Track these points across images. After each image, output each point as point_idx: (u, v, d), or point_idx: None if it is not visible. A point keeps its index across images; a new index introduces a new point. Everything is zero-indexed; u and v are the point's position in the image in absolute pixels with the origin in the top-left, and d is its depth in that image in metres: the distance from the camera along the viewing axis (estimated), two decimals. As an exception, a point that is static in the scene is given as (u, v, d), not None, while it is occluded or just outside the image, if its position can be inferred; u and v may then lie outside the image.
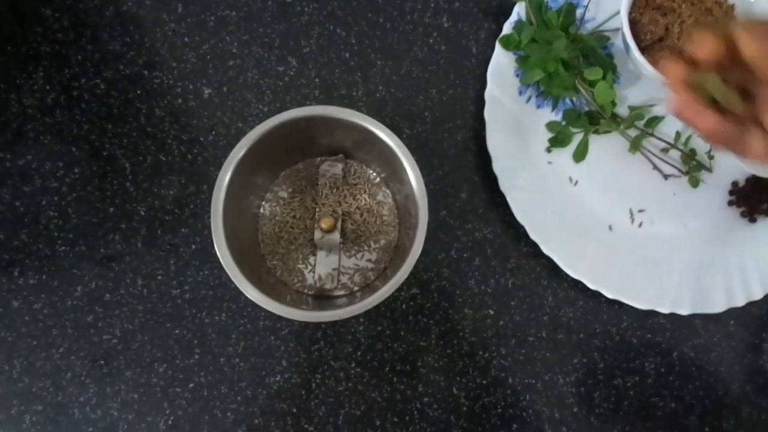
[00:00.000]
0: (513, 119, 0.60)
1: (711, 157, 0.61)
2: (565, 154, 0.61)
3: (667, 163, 0.61)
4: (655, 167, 0.61)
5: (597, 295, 0.59)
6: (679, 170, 0.61)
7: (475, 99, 0.62)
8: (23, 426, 0.56)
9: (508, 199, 0.58)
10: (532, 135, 0.61)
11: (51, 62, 0.61)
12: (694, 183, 0.61)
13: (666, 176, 0.61)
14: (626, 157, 0.61)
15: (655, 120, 0.61)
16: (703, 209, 0.62)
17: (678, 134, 0.61)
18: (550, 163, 0.61)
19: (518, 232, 0.59)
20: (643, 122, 0.61)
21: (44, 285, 0.58)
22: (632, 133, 0.60)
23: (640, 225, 0.61)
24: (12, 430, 0.56)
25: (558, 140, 0.60)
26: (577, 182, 0.61)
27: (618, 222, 0.61)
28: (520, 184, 0.59)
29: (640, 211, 0.61)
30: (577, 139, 0.61)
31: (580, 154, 0.61)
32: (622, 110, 0.61)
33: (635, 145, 0.60)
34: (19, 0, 0.61)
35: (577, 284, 0.59)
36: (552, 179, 0.61)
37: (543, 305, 0.60)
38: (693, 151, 0.61)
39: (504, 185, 0.58)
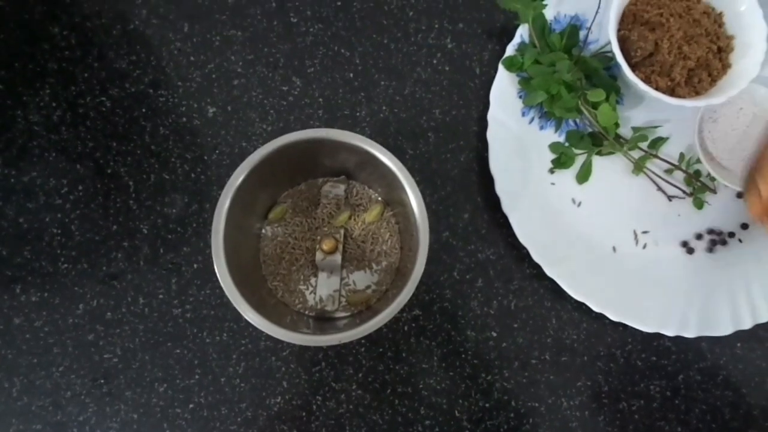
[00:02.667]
0: (516, 141, 0.60)
1: (713, 179, 0.61)
2: (568, 175, 0.61)
3: (671, 184, 0.61)
4: (659, 188, 0.61)
5: (601, 317, 0.58)
6: (684, 192, 0.61)
7: (478, 120, 0.62)
8: (22, 445, 0.56)
9: (511, 220, 0.58)
10: (535, 156, 0.61)
11: (57, 79, 0.61)
12: (699, 205, 0.60)
13: (670, 198, 0.61)
14: (630, 178, 0.61)
15: (659, 141, 0.60)
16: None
17: (682, 155, 0.61)
18: (553, 184, 0.60)
19: (521, 254, 0.59)
20: (646, 143, 0.60)
21: (46, 302, 0.58)
22: (636, 154, 0.60)
23: (645, 246, 0.60)
24: (11, 449, 0.56)
25: (561, 162, 0.60)
26: (580, 203, 0.61)
27: (622, 243, 0.60)
28: (522, 205, 0.58)
29: (644, 232, 0.61)
30: (580, 160, 0.61)
31: (583, 176, 0.60)
32: (626, 131, 0.61)
33: (639, 167, 0.60)
34: (27, 18, 0.62)
35: (581, 306, 0.58)
36: (555, 201, 0.60)
37: (546, 327, 0.60)
38: (697, 173, 0.61)
39: (507, 207, 0.58)
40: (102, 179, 0.60)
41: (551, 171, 0.61)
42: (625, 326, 0.58)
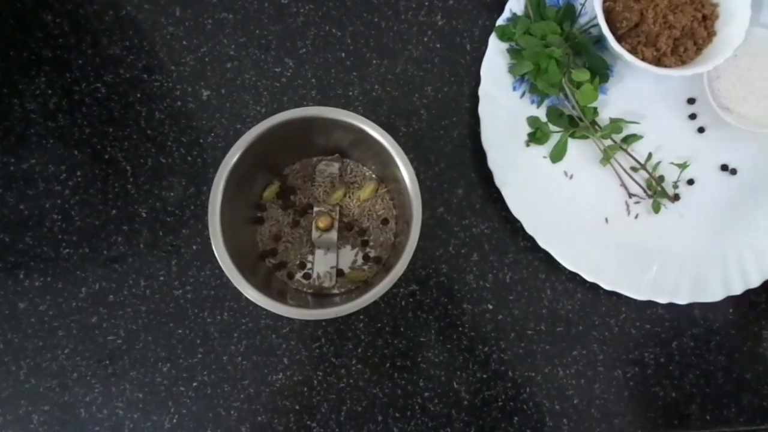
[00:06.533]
0: (507, 115, 0.60)
1: (676, 187, 0.61)
2: (561, 148, 0.62)
3: (636, 182, 0.61)
4: (622, 184, 0.61)
5: (595, 287, 0.59)
6: (645, 192, 0.61)
7: (470, 96, 0.62)
8: (31, 426, 0.57)
9: (504, 194, 0.58)
10: (526, 130, 0.61)
11: (52, 67, 0.62)
12: (656, 208, 0.61)
13: (631, 195, 0.61)
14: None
15: (632, 137, 0.61)
16: (699, 198, 0.62)
17: (650, 155, 0.61)
18: (545, 157, 0.61)
19: (515, 227, 0.60)
20: (620, 136, 0.61)
21: (49, 287, 0.59)
22: (607, 143, 0.60)
23: (636, 216, 0.61)
24: (20, 430, 0.57)
25: (536, 137, 0.60)
26: (572, 176, 0.61)
27: (614, 214, 0.61)
28: (515, 179, 0.59)
29: (636, 202, 0.61)
30: (556, 138, 0.61)
31: (557, 154, 0.61)
32: (605, 120, 0.61)
33: (607, 156, 0.60)
34: (20, 6, 0.62)
35: (575, 277, 0.59)
36: (547, 174, 0.61)
37: (541, 299, 0.61)
38: (661, 178, 0.61)
39: (499, 181, 0.59)
40: (100, 165, 0.61)
41: (527, 144, 0.61)
42: (618, 295, 0.59)
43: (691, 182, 0.62)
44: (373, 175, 0.59)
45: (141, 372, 0.58)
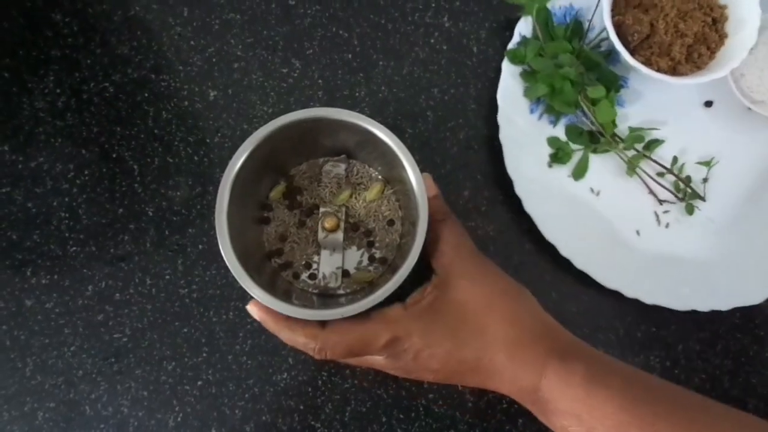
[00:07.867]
0: (528, 139, 0.60)
1: (705, 180, 0.61)
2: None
3: (665, 188, 0.61)
4: (651, 191, 0.61)
5: (601, 289, 0.59)
6: (675, 196, 0.61)
7: (477, 98, 0.62)
8: (36, 423, 0.58)
9: (535, 219, 0.58)
10: (548, 152, 0.61)
11: (61, 66, 0.62)
12: (690, 210, 0.60)
13: (661, 201, 0.61)
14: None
15: (654, 143, 0.61)
16: (729, 200, 0.62)
17: (675, 159, 0.61)
18: (569, 176, 0.61)
19: (521, 229, 0.60)
20: (642, 144, 0.60)
21: (56, 284, 0.59)
22: (630, 154, 0.60)
23: (667, 226, 0.61)
24: (25, 426, 0.58)
25: (558, 157, 0.60)
26: (598, 192, 0.61)
27: (645, 226, 0.61)
28: (544, 202, 0.59)
29: (666, 211, 0.61)
30: (578, 156, 0.61)
31: (579, 172, 0.60)
32: (624, 130, 0.61)
33: (632, 167, 0.60)
34: (29, 5, 0.63)
35: (582, 279, 0.59)
36: (574, 193, 0.61)
37: (547, 301, 0.60)
38: (688, 178, 0.61)
39: (528, 206, 0.58)
40: (107, 164, 0.61)
41: (549, 165, 0.61)
42: (624, 298, 0.59)
43: (718, 185, 0.61)
44: (380, 176, 0.59)
45: (146, 370, 0.59)
